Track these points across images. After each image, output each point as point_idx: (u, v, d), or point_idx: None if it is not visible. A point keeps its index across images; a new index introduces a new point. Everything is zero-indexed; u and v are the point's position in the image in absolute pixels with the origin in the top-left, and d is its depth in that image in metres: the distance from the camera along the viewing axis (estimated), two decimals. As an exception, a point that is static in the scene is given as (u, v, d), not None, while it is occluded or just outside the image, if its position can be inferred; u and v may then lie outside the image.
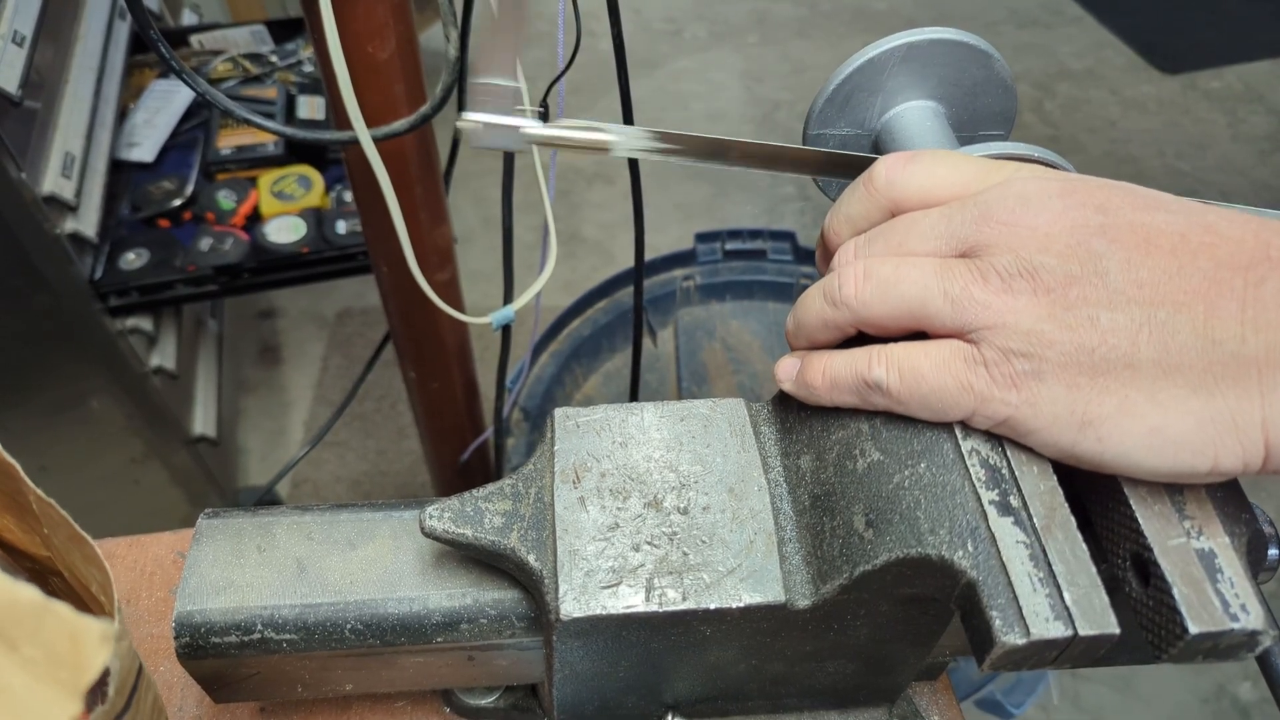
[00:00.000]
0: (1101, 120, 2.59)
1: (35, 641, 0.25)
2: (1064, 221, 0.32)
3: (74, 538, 0.36)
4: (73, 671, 0.25)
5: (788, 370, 0.40)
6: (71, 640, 0.25)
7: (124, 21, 1.38)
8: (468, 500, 0.38)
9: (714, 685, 0.42)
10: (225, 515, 0.41)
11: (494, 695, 0.47)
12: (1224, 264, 0.30)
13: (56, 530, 0.37)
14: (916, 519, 0.33)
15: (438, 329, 0.95)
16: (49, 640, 0.25)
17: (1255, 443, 0.29)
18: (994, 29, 2.90)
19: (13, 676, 0.25)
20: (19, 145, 1.00)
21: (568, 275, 2.11)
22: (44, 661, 0.25)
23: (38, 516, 0.37)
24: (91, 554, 0.36)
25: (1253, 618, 0.30)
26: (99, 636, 0.25)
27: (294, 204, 1.30)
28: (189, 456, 1.37)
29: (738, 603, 0.35)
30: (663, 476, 0.38)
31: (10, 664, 0.25)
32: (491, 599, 0.39)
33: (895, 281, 0.35)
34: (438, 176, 0.83)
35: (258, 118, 0.65)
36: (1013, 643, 0.29)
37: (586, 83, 2.52)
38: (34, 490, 0.35)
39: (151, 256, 1.21)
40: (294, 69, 1.50)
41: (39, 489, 0.35)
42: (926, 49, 0.42)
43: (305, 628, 0.38)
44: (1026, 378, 0.32)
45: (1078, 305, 0.31)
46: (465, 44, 0.68)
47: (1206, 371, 0.29)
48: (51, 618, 0.25)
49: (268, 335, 2.03)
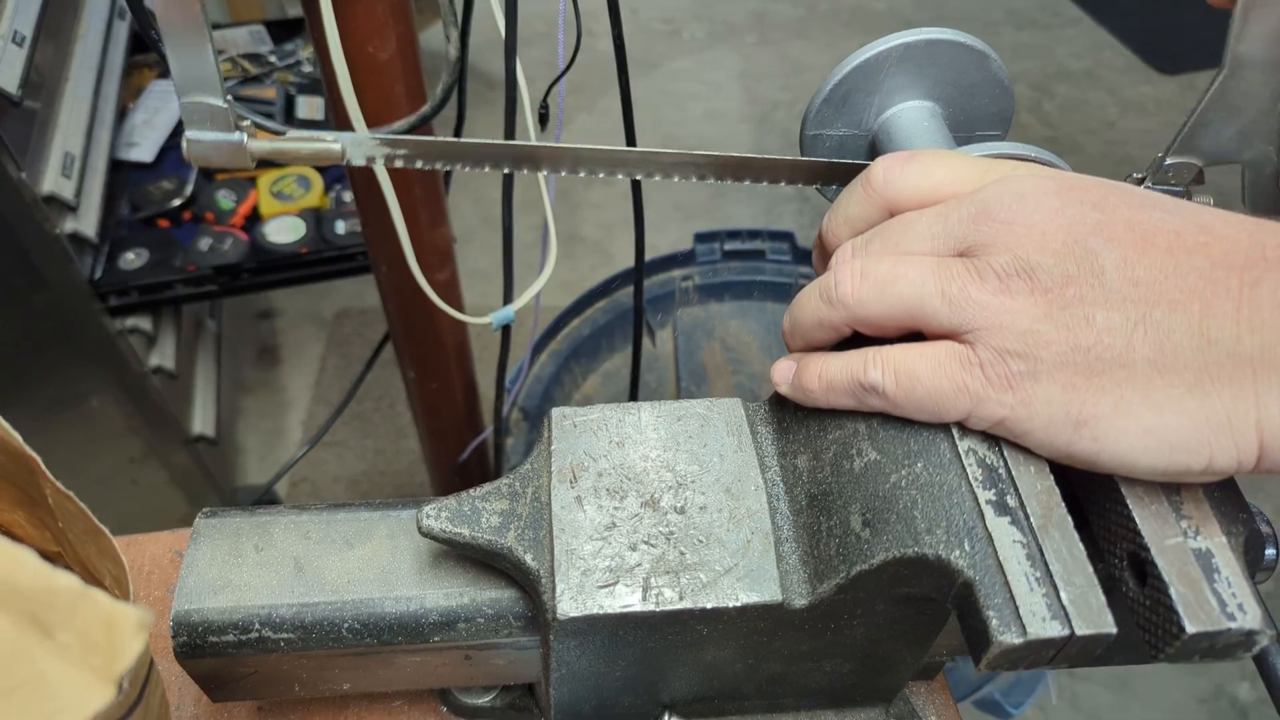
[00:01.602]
0: (1100, 121, 2.59)
1: (70, 628, 0.25)
2: (1060, 219, 0.32)
3: (91, 530, 0.36)
4: (107, 658, 0.25)
5: (784, 373, 0.40)
6: (107, 627, 0.25)
7: (124, 21, 1.38)
8: (465, 500, 0.38)
9: (711, 685, 0.42)
10: (223, 515, 0.41)
11: (491, 694, 0.47)
12: (1220, 263, 0.30)
13: (72, 523, 0.37)
14: (913, 519, 0.33)
15: (437, 329, 0.95)
16: (84, 627, 0.25)
17: (1249, 442, 0.29)
18: (992, 30, 2.90)
19: (48, 663, 0.25)
20: (19, 145, 1.00)
21: (567, 275, 2.11)
22: (78, 648, 0.25)
23: (51, 510, 0.37)
24: (108, 547, 0.36)
25: (1250, 617, 0.30)
26: (134, 623, 0.26)
27: (293, 204, 1.30)
28: (187, 456, 1.37)
29: (734, 602, 0.35)
30: (660, 476, 0.38)
31: (45, 650, 0.25)
32: (489, 598, 0.39)
33: (892, 281, 0.35)
34: (437, 176, 0.83)
35: (257, 118, 0.65)
36: (1010, 642, 0.29)
37: (586, 83, 2.52)
38: (53, 482, 0.35)
39: (151, 256, 1.21)
40: (293, 69, 1.50)
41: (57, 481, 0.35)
42: (924, 49, 0.42)
43: (303, 627, 0.38)
44: (1022, 379, 0.32)
45: (1073, 305, 0.31)
46: (465, 44, 0.68)
47: (1202, 371, 0.29)
48: (87, 604, 0.25)
49: (267, 335, 2.03)
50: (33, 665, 0.25)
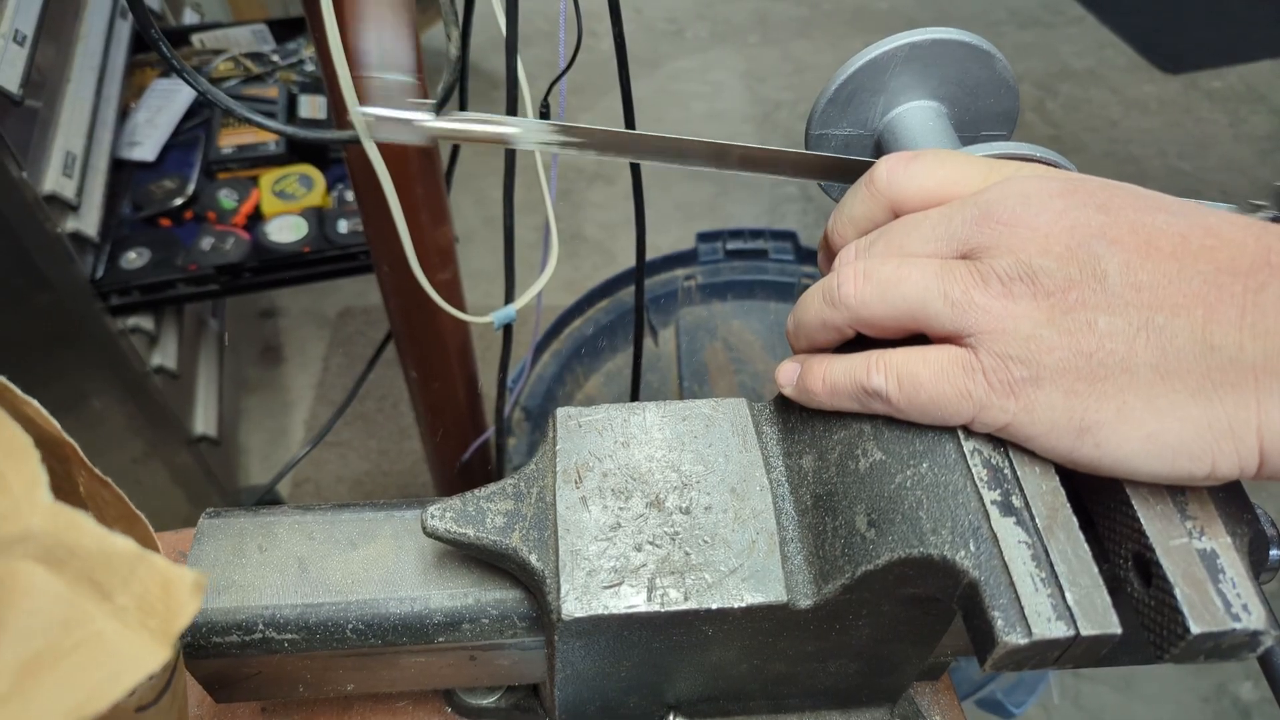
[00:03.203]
0: (1103, 120, 2.59)
1: (129, 590, 0.25)
2: (1064, 222, 0.32)
3: (126, 516, 0.36)
4: (164, 619, 0.26)
5: (788, 375, 0.40)
6: (164, 589, 0.26)
7: (125, 20, 1.38)
8: (469, 500, 0.38)
9: (716, 685, 0.42)
10: (226, 515, 0.41)
11: (496, 695, 0.47)
12: (1224, 268, 0.30)
13: (106, 510, 0.37)
14: (919, 519, 0.33)
15: (439, 328, 0.95)
16: (142, 589, 0.26)
17: (1250, 449, 0.29)
18: (996, 29, 2.89)
19: (105, 623, 0.25)
20: (20, 144, 1.00)
21: (569, 275, 2.11)
22: (136, 609, 0.25)
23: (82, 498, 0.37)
24: (146, 534, 0.36)
25: (1254, 618, 0.30)
26: (191, 585, 0.26)
27: (295, 203, 1.30)
28: (190, 456, 1.37)
29: (739, 603, 0.35)
30: (665, 476, 0.38)
31: (102, 612, 0.25)
32: (493, 599, 0.39)
33: (895, 282, 0.35)
34: (439, 176, 0.83)
35: (259, 117, 0.65)
36: (1015, 643, 0.29)
37: (588, 83, 2.52)
38: (89, 468, 0.35)
39: (153, 256, 1.21)
40: (295, 68, 1.50)
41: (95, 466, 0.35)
42: (929, 49, 0.42)
43: (307, 627, 0.38)
44: (1024, 384, 0.32)
45: (1076, 309, 0.31)
46: (466, 44, 0.67)
47: (1205, 377, 0.29)
48: (145, 567, 0.26)
49: (269, 334, 2.03)
50: (91, 625, 0.25)
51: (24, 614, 0.24)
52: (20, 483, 0.27)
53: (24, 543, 0.25)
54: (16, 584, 0.25)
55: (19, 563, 0.25)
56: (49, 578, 0.25)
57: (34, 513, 0.26)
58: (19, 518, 0.26)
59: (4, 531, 0.26)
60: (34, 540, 0.25)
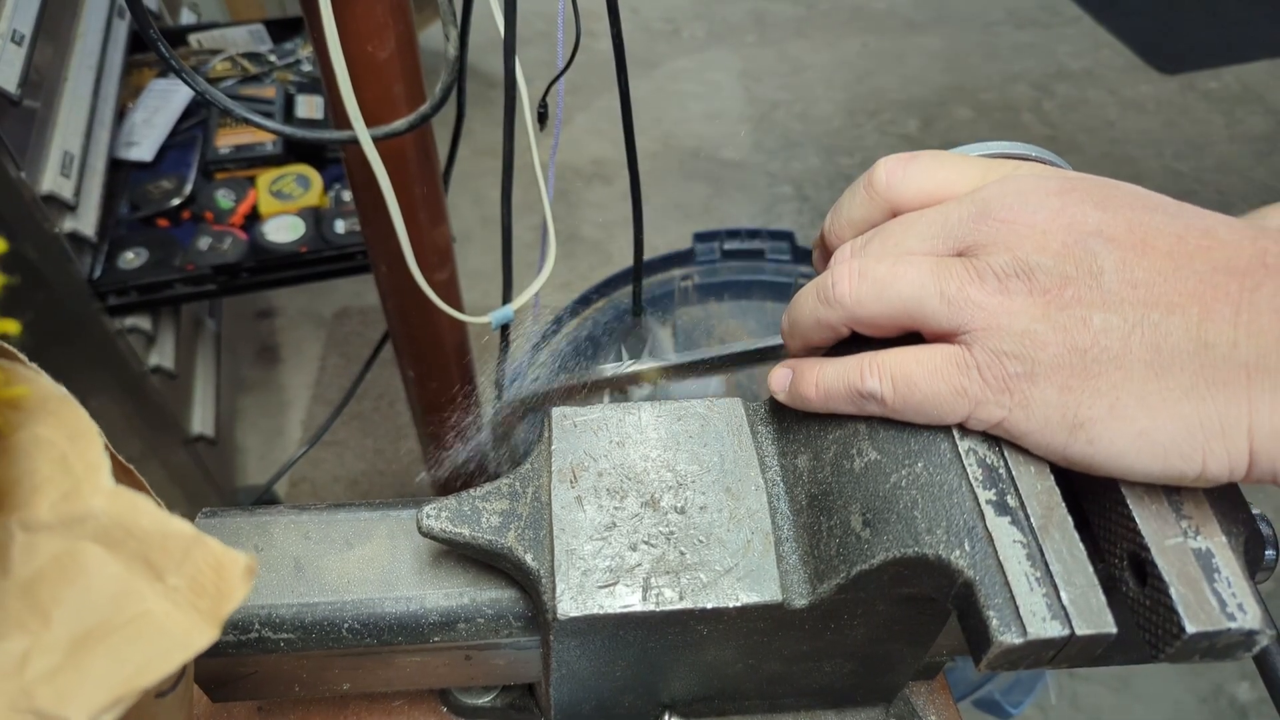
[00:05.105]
0: (1100, 120, 2.59)
1: (182, 572, 0.26)
2: (1061, 219, 0.32)
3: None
4: (213, 601, 0.26)
5: (780, 381, 0.40)
6: (216, 571, 0.26)
7: (123, 20, 1.38)
8: (465, 500, 0.38)
9: (711, 685, 0.42)
10: (223, 514, 0.41)
11: (491, 695, 0.47)
12: (1220, 268, 0.30)
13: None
14: (914, 518, 0.33)
15: (436, 328, 0.95)
16: (195, 570, 0.26)
17: (1240, 450, 0.29)
18: (992, 29, 2.90)
19: (155, 603, 0.26)
20: (18, 144, 1.00)
21: (566, 275, 2.11)
22: (187, 590, 0.26)
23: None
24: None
25: (1250, 617, 0.30)
26: (243, 568, 0.26)
27: (292, 203, 1.30)
28: (187, 456, 1.37)
29: (734, 602, 0.35)
30: (660, 476, 0.38)
31: (154, 591, 0.26)
32: (489, 598, 0.39)
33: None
34: (437, 176, 0.83)
35: (256, 117, 0.65)
36: (1010, 642, 0.29)
37: (585, 82, 2.52)
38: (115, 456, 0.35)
39: (150, 256, 1.20)
40: (292, 68, 1.50)
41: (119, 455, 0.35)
42: None
43: (302, 627, 0.38)
44: (1019, 380, 0.32)
45: (1071, 306, 0.31)
46: (465, 44, 0.67)
47: (1198, 375, 0.29)
48: (200, 549, 0.26)
49: (266, 334, 2.03)
50: (142, 604, 0.26)
51: (80, 591, 0.25)
52: (83, 465, 0.28)
53: (84, 523, 0.26)
54: (74, 563, 0.26)
55: (78, 543, 0.26)
56: (106, 557, 0.26)
57: (95, 494, 0.27)
58: (80, 498, 0.27)
59: (65, 511, 0.27)
60: (93, 520, 0.26)
